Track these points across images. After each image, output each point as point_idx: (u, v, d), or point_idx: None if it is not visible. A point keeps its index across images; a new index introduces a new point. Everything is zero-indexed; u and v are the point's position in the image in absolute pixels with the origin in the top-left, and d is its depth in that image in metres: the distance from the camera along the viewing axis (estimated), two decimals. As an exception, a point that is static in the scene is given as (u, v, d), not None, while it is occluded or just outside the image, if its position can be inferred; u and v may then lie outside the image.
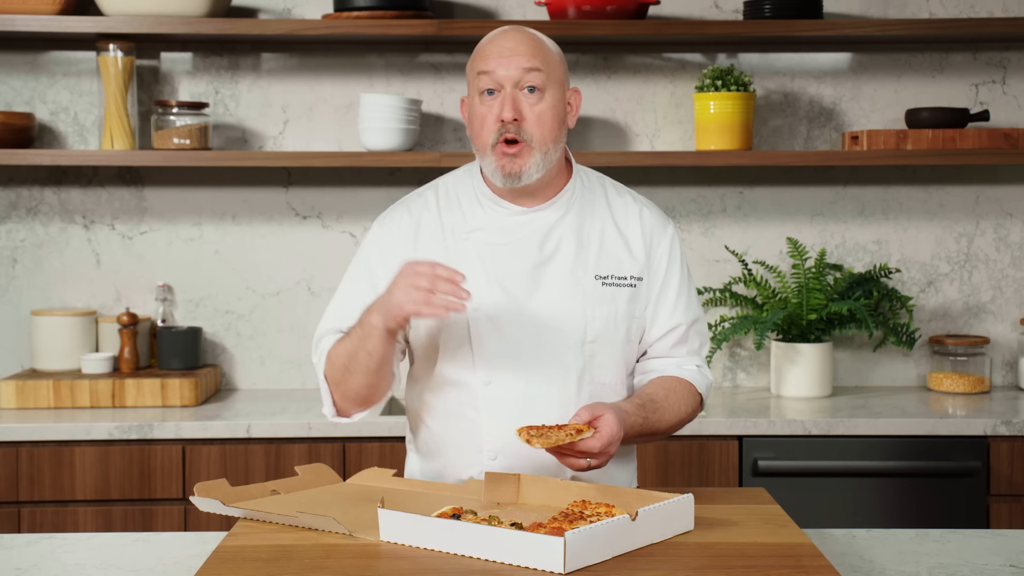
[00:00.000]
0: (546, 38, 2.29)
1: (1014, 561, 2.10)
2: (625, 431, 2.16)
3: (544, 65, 2.23)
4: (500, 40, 2.25)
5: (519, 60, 2.21)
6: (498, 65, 2.22)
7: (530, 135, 2.22)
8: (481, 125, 2.24)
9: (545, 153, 2.24)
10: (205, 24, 3.61)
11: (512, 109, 2.21)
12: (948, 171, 3.94)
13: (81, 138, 3.86)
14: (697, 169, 3.91)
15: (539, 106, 2.22)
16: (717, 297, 3.89)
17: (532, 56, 2.22)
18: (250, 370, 3.92)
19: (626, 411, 2.18)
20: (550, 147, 2.25)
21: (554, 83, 2.24)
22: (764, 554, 1.91)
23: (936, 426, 3.40)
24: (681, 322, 2.35)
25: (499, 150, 2.23)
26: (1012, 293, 3.96)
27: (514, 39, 2.24)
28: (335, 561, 1.87)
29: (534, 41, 2.25)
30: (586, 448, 2.09)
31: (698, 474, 3.40)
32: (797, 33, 3.66)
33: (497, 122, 2.22)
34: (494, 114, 2.22)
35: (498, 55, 2.22)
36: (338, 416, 2.31)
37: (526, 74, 2.21)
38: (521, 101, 2.22)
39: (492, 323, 2.26)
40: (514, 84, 2.22)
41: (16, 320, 3.87)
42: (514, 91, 2.22)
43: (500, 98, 2.22)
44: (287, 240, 3.90)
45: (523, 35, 2.25)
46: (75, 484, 3.34)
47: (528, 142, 2.22)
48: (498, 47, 2.24)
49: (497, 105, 2.22)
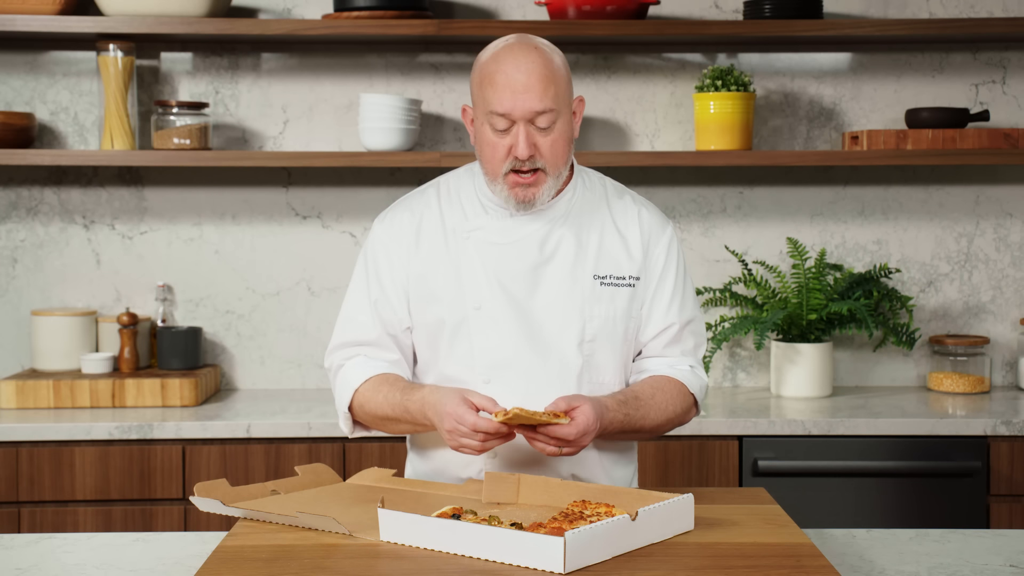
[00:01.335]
0: (553, 53, 2.23)
1: (1014, 561, 2.10)
2: (604, 426, 2.17)
3: (555, 100, 2.18)
4: (511, 72, 2.18)
5: (532, 102, 2.17)
6: (513, 107, 2.17)
7: (544, 163, 2.22)
8: (492, 154, 2.22)
9: (558, 176, 2.25)
10: (205, 24, 3.61)
11: (527, 146, 2.18)
12: (948, 171, 3.94)
13: (81, 138, 3.86)
14: (697, 169, 3.91)
15: (551, 136, 2.21)
16: (717, 297, 3.89)
17: (543, 94, 2.17)
18: (250, 370, 3.92)
19: (606, 406, 2.19)
20: (562, 169, 2.25)
21: (564, 109, 2.22)
22: (764, 554, 1.91)
23: (936, 426, 3.40)
24: (675, 322, 2.35)
25: (511, 179, 2.22)
26: (1012, 293, 3.96)
27: (526, 71, 2.17)
28: (335, 561, 1.87)
29: (545, 70, 2.18)
30: (559, 435, 2.10)
31: (698, 474, 3.40)
32: (797, 33, 3.66)
33: (510, 156, 2.21)
34: (506, 146, 2.20)
35: (511, 92, 2.17)
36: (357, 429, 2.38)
37: (539, 116, 2.18)
38: (534, 134, 2.20)
39: (492, 322, 2.26)
40: (527, 121, 2.19)
41: (16, 320, 3.87)
42: (528, 126, 2.19)
43: (513, 133, 2.19)
44: (287, 240, 3.90)
45: (534, 65, 2.18)
46: (75, 484, 3.34)
47: (543, 169, 2.22)
48: (510, 81, 2.17)
49: (510, 139, 2.20)
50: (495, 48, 2.23)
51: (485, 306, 2.27)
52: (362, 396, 2.30)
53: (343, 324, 2.36)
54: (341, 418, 2.35)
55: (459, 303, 2.28)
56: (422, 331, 2.32)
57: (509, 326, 2.26)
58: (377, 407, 2.27)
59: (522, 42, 2.22)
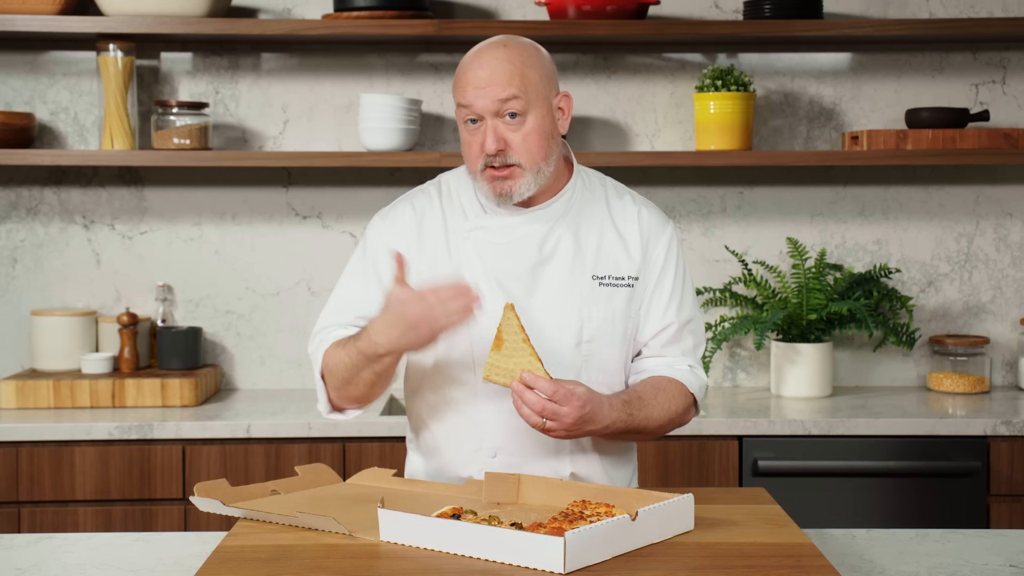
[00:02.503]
0: (528, 48, 2.23)
1: (1014, 561, 2.10)
2: (607, 424, 2.17)
3: (522, 90, 2.19)
4: (475, 69, 2.21)
5: (494, 92, 2.18)
6: (475, 98, 2.19)
7: (518, 158, 2.22)
8: (468, 151, 2.25)
9: (537, 172, 2.24)
10: (205, 24, 3.61)
11: (495, 140, 2.19)
12: (948, 171, 3.94)
13: (81, 138, 3.86)
14: (697, 169, 3.91)
15: (523, 129, 2.21)
16: (717, 297, 3.89)
17: (507, 85, 2.18)
18: (250, 370, 3.92)
19: (608, 403, 2.18)
20: (541, 165, 2.24)
21: (537, 102, 2.21)
22: (764, 554, 1.91)
23: (936, 426, 3.40)
24: (673, 321, 2.35)
25: (488, 174, 2.24)
26: (1012, 293, 3.96)
27: (489, 67, 2.19)
28: (335, 561, 1.87)
29: (509, 65, 2.19)
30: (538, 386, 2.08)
31: (698, 474, 3.40)
32: (797, 33, 3.66)
33: (482, 152, 2.22)
34: (478, 143, 2.22)
35: (474, 87, 2.19)
36: (333, 412, 2.32)
37: (503, 104, 2.19)
38: (503, 128, 2.20)
39: (492, 322, 2.26)
40: (494, 114, 2.20)
41: (16, 320, 3.87)
42: (495, 120, 2.20)
43: (482, 129, 2.21)
44: (287, 240, 3.90)
45: (497, 61, 2.20)
46: (75, 484, 3.34)
47: (517, 164, 2.22)
48: (473, 77, 2.20)
49: (480, 135, 2.21)
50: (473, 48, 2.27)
51: (484, 305, 2.26)
52: (330, 363, 2.25)
53: (331, 308, 2.34)
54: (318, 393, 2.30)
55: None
56: (422, 331, 2.32)
57: (509, 326, 2.26)
58: (338, 366, 2.22)
59: (495, 40, 2.25)
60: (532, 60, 2.23)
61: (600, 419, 2.16)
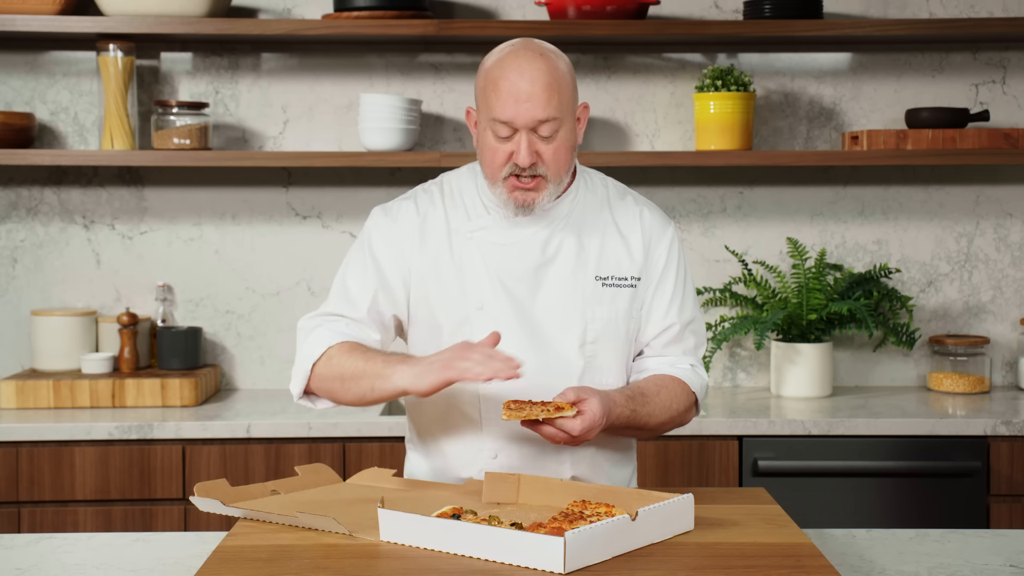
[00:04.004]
0: (559, 59, 2.21)
1: (1014, 561, 2.10)
2: (611, 421, 2.17)
3: (559, 109, 2.17)
4: (515, 79, 2.16)
5: (535, 111, 2.16)
6: (515, 115, 2.16)
7: (546, 170, 2.21)
8: (492, 158, 2.22)
9: (559, 183, 2.25)
10: (205, 24, 3.61)
11: (529, 154, 2.18)
12: (948, 171, 3.94)
13: (81, 138, 3.86)
14: (697, 169, 3.91)
15: (554, 144, 2.20)
16: (717, 297, 3.89)
17: (547, 103, 2.15)
18: (250, 370, 3.92)
19: (614, 400, 2.18)
20: (564, 176, 2.25)
21: (568, 117, 2.21)
22: (764, 554, 1.91)
23: (936, 426, 3.40)
24: (675, 322, 2.35)
25: (511, 183, 2.22)
26: (1012, 293, 3.96)
27: (530, 79, 2.16)
28: (335, 561, 1.87)
29: (549, 78, 2.17)
30: (565, 428, 2.10)
31: (698, 474, 3.40)
32: (797, 33, 3.66)
33: (509, 161, 2.20)
34: (506, 151, 2.20)
35: (515, 100, 2.16)
36: (304, 397, 2.29)
37: (542, 124, 2.17)
38: (536, 142, 2.19)
39: (494, 323, 2.26)
40: (530, 129, 2.18)
41: (16, 320, 3.87)
42: (530, 134, 2.18)
43: (515, 140, 2.19)
44: (287, 240, 3.90)
45: (538, 73, 2.16)
46: (75, 484, 3.34)
47: (544, 176, 2.22)
48: (514, 88, 2.16)
49: (511, 145, 2.19)
50: (501, 53, 2.22)
51: (487, 306, 2.27)
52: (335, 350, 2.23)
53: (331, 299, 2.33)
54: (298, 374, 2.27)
55: (461, 303, 2.28)
56: (423, 329, 2.32)
57: (511, 327, 2.26)
58: (342, 364, 2.20)
59: (528, 48, 2.20)
60: (566, 75, 2.21)
61: (609, 419, 2.17)
